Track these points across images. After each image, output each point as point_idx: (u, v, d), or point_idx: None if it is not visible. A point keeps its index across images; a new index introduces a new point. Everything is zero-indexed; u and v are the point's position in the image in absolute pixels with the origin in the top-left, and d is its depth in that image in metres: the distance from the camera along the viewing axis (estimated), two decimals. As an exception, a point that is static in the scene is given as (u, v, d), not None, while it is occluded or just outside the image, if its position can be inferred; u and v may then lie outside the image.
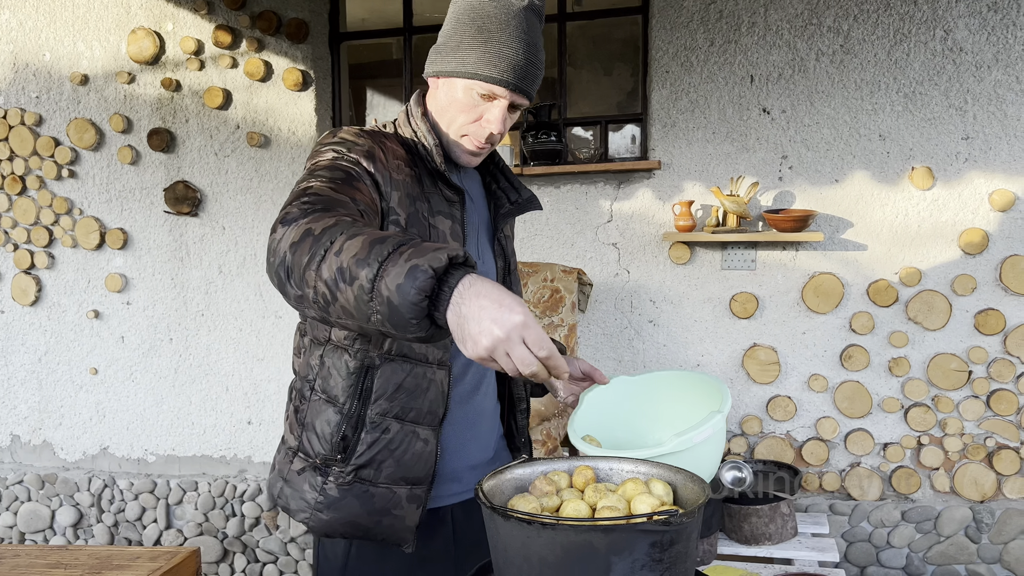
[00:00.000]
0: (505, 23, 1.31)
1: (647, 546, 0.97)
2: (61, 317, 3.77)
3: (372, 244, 0.98)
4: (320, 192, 1.17)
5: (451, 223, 1.38)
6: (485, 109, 1.35)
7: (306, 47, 3.44)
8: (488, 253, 1.48)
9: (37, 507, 3.81)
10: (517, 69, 1.32)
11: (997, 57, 2.94)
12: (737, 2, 3.11)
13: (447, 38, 1.36)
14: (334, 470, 1.35)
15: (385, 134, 1.39)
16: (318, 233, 1.04)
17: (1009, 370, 3.03)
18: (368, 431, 1.34)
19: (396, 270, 0.94)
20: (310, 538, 3.59)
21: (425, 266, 0.93)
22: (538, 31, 1.36)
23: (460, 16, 1.35)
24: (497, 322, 0.93)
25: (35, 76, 3.67)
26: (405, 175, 1.34)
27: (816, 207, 3.12)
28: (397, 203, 1.31)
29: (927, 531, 3.12)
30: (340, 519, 1.36)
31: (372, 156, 1.30)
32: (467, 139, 1.38)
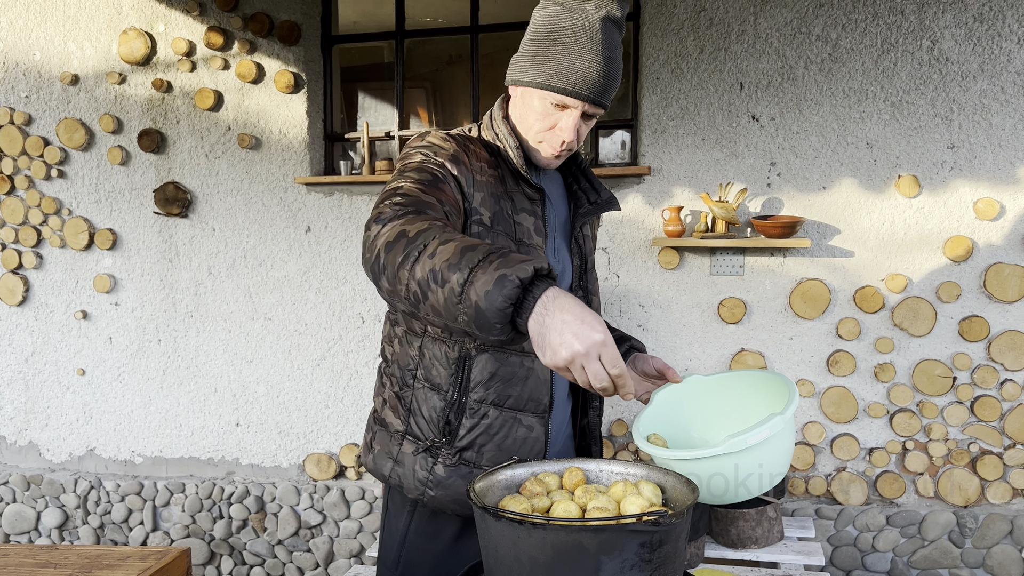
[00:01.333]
0: (580, 35, 1.36)
1: (636, 546, 0.98)
2: (48, 317, 3.75)
3: (464, 251, 1.07)
4: (410, 193, 1.26)
5: (534, 219, 1.45)
6: (559, 118, 1.41)
7: (298, 49, 3.44)
8: (565, 251, 1.53)
9: (22, 508, 3.78)
10: (589, 81, 1.36)
11: (983, 67, 2.98)
12: (727, 10, 3.14)
13: (525, 48, 1.42)
14: (442, 452, 1.45)
15: (470, 138, 1.47)
16: (412, 235, 1.13)
17: (993, 376, 3.07)
18: (468, 416, 1.43)
19: (485, 277, 1.03)
20: (297, 540, 3.59)
21: (513, 276, 1.02)
22: (615, 41, 1.39)
23: (538, 27, 1.40)
24: (579, 336, 1.01)
25: (25, 75, 3.66)
26: (488, 176, 1.42)
27: (804, 214, 3.14)
28: (480, 203, 1.39)
29: (911, 535, 3.15)
30: (449, 496, 1.45)
31: (456, 159, 1.38)
32: (543, 145, 1.45)
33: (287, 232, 3.53)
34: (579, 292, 1.53)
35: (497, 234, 1.40)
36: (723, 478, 1.25)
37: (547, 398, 1.46)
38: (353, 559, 3.56)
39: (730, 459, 1.23)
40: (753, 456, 1.23)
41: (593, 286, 1.58)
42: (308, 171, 3.48)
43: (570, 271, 1.53)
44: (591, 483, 1.24)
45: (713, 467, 1.24)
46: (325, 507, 3.56)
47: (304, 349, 3.57)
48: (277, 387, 3.61)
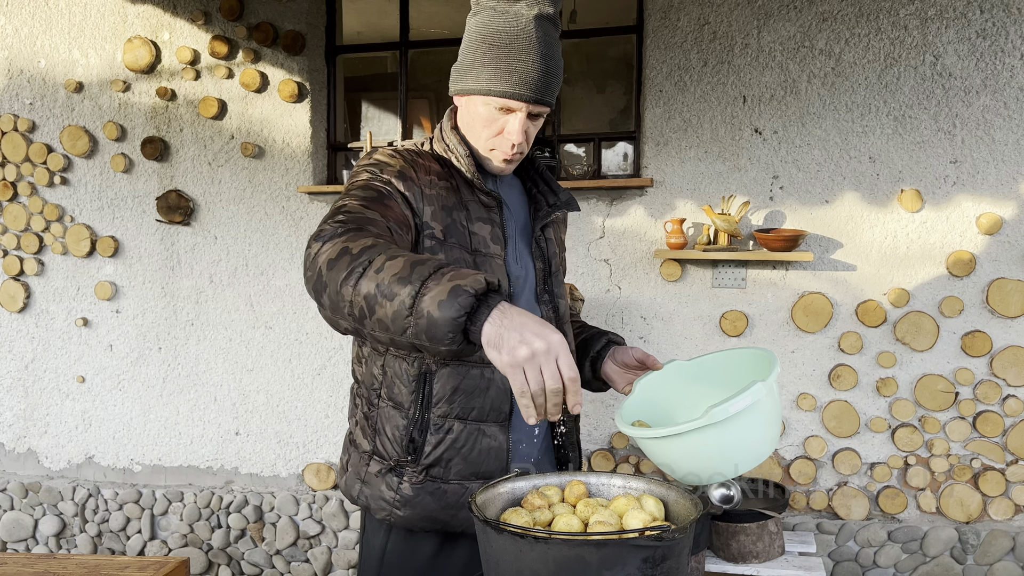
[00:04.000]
0: (515, 36, 1.35)
1: (639, 561, 0.97)
2: (49, 324, 3.75)
3: (414, 265, 1.09)
4: (352, 210, 1.27)
5: (491, 228, 1.45)
6: (505, 122, 1.40)
7: (302, 59, 3.45)
8: (527, 256, 1.51)
9: (20, 516, 3.77)
10: (530, 81, 1.35)
11: (985, 83, 2.99)
12: (730, 23, 3.15)
13: (463, 56, 1.42)
14: (407, 471, 1.44)
15: (419, 152, 1.47)
16: (356, 252, 1.13)
17: (995, 392, 3.06)
18: (433, 433, 1.43)
19: (438, 289, 1.05)
20: (295, 551, 3.57)
21: (467, 287, 1.04)
22: (552, 37, 1.38)
23: (473, 33, 1.40)
24: (539, 335, 1.03)
25: (29, 82, 3.67)
26: (440, 189, 1.42)
27: (806, 227, 3.14)
28: (431, 217, 1.38)
29: (913, 551, 3.14)
30: (418, 515, 1.45)
31: (403, 175, 1.38)
32: (495, 152, 1.44)
33: (289, 241, 3.53)
34: (544, 296, 1.51)
35: (451, 247, 1.40)
36: (708, 454, 1.19)
37: (507, 406, 1.46)
38: (351, 570, 3.54)
39: (714, 432, 1.16)
40: (738, 427, 1.17)
41: (559, 290, 1.55)
42: (311, 180, 3.49)
43: (532, 275, 1.51)
44: (593, 497, 1.24)
45: (697, 442, 1.18)
46: (324, 517, 3.54)
47: (304, 358, 3.56)
48: (277, 396, 3.60)
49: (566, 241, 1.71)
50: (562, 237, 1.64)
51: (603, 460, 3.34)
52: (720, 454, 1.19)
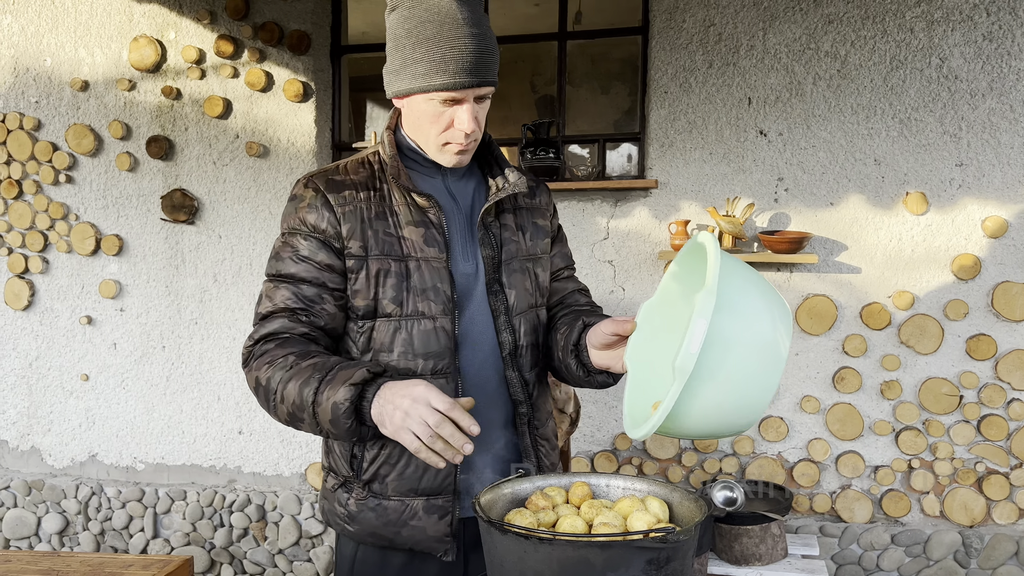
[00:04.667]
0: (439, 23, 1.30)
1: (643, 563, 0.97)
2: (54, 322, 3.75)
3: (301, 388, 1.26)
4: (263, 309, 1.39)
5: (424, 230, 1.40)
6: (452, 114, 1.35)
7: (307, 59, 3.46)
8: (474, 247, 1.44)
9: (23, 513, 3.77)
10: (467, 65, 1.30)
11: (991, 85, 2.98)
12: (736, 25, 3.15)
13: (391, 57, 1.36)
14: (354, 487, 1.44)
15: (338, 167, 1.45)
16: (264, 383, 1.32)
17: (1000, 396, 3.05)
18: (369, 448, 1.42)
19: (323, 409, 1.24)
20: (298, 550, 3.57)
21: (341, 401, 1.21)
22: (477, 13, 1.33)
23: (395, 31, 1.35)
24: (404, 395, 1.17)
25: (35, 81, 3.68)
26: (359, 201, 1.40)
27: (811, 229, 3.14)
28: (348, 235, 1.38)
29: (916, 555, 3.13)
30: (364, 531, 1.44)
31: (313, 206, 1.39)
32: (449, 146, 1.39)
33: (293, 240, 3.52)
34: (495, 286, 1.44)
35: (375, 259, 1.37)
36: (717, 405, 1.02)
37: None
38: (354, 570, 3.53)
39: (699, 384, 1.00)
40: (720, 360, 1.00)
41: (512, 278, 1.45)
42: (315, 180, 3.48)
43: (480, 266, 1.44)
44: (597, 498, 1.23)
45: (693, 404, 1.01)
46: (326, 517, 3.54)
47: (308, 358, 3.56)
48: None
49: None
50: (539, 223, 1.55)
51: (606, 461, 3.34)
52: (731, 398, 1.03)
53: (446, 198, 1.46)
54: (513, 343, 1.45)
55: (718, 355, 1.01)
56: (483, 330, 1.44)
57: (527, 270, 1.49)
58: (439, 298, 1.39)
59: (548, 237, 1.57)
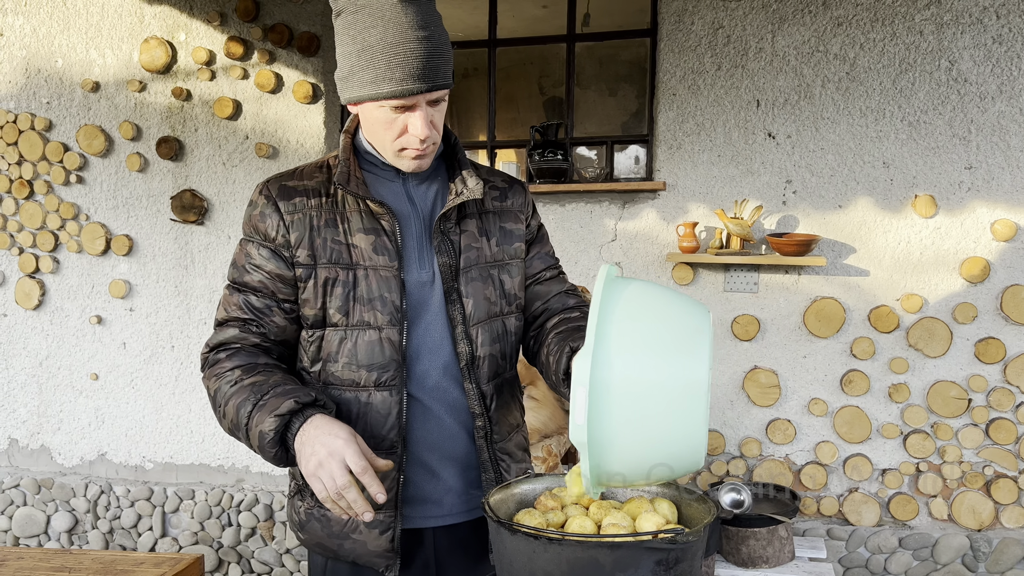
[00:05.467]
0: (384, 27, 1.24)
1: (652, 564, 0.97)
2: (64, 322, 3.77)
3: (238, 408, 1.28)
4: (219, 317, 1.40)
5: (375, 237, 1.35)
6: (405, 120, 1.30)
7: (317, 60, 3.47)
8: (430, 254, 1.39)
9: (33, 512, 3.79)
10: (415, 71, 1.24)
11: (1001, 88, 2.97)
12: (745, 28, 3.15)
13: (340, 63, 1.32)
14: (305, 494, 1.44)
15: (294, 172, 1.42)
16: (212, 394, 1.35)
17: (1008, 399, 3.04)
18: None
19: (254, 433, 1.26)
20: (304, 550, 3.58)
21: (267, 431, 1.23)
22: (426, 13, 1.27)
23: (341, 37, 1.30)
24: (324, 444, 1.17)
25: (47, 82, 3.70)
26: (310, 208, 1.36)
27: (819, 232, 3.14)
28: (295, 243, 1.36)
29: (924, 558, 3.12)
30: (311, 540, 1.44)
31: (264, 215, 1.37)
32: (406, 151, 1.34)
33: (302, 241, 3.54)
34: (452, 295, 1.38)
35: (323, 266, 1.34)
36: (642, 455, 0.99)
37: (393, 433, 1.36)
38: (361, 570, 3.54)
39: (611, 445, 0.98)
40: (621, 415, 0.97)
41: (469, 287, 1.39)
42: (324, 181, 3.50)
43: (437, 274, 1.39)
44: (606, 498, 1.24)
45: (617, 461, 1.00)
46: (334, 517, 3.55)
47: (316, 358, 3.57)
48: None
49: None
50: (509, 227, 1.47)
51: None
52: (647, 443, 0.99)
53: (404, 204, 1.40)
54: (470, 354, 1.39)
55: (617, 410, 0.97)
56: (441, 340, 1.39)
57: (489, 277, 1.43)
58: (386, 308, 1.34)
59: (521, 241, 1.49)
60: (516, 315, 1.48)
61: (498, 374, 1.44)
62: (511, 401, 1.49)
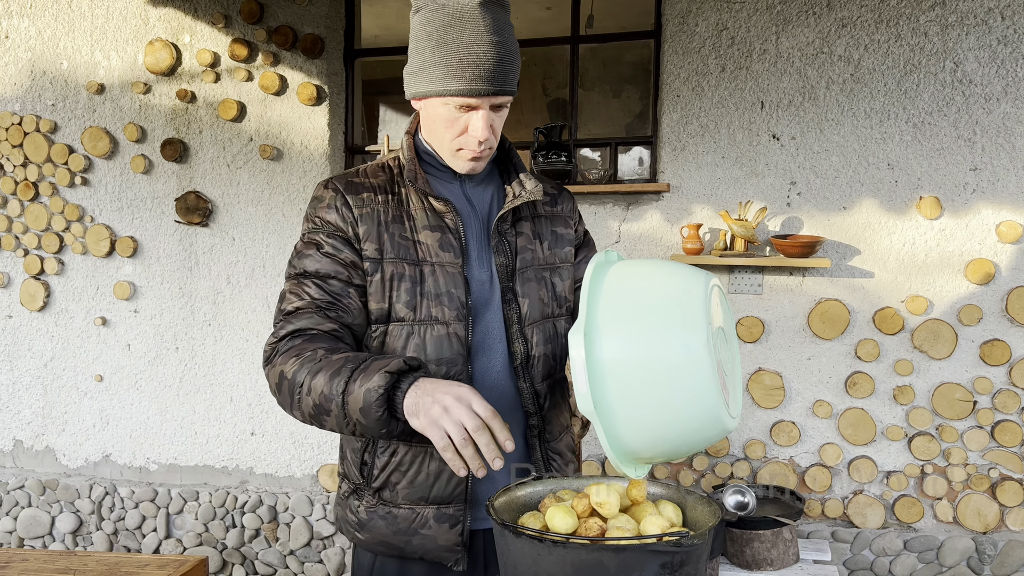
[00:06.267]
0: (461, 28, 1.28)
1: (657, 566, 0.97)
2: (68, 323, 3.78)
3: (330, 378, 1.22)
4: (286, 307, 1.37)
5: (440, 234, 1.39)
6: (467, 120, 1.34)
7: (321, 62, 3.48)
8: (488, 254, 1.44)
9: (37, 513, 3.80)
10: (485, 73, 1.28)
11: (1006, 90, 2.97)
12: (749, 29, 3.15)
13: (411, 57, 1.35)
14: (364, 494, 1.43)
15: (358, 171, 1.45)
16: (290, 376, 1.28)
17: (1014, 401, 3.03)
18: (380, 455, 1.40)
19: (354, 397, 1.19)
20: (309, 551, 3.58)
21: (374, 388, 1.16)
22: (501, 21, 1.31)
23: (417, 33, 1.33)
24: (448, 392, 1.13)
25: (52, 84, 3.71)
26: (377, 204, 1.40)
27: (824, 233, 3.13)
28: (365, 237, 1.37)
29: (929, 561, 3.11)
30: (374, 539, 1.43)
31: (332, 206, 1.39)
32: (462, 152, 1.38)
33: (306, 243, 3.54)
34: (508, 295, 1.42)
35: (390, 261, 1.37)
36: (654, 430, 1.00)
37: None
38: (364, 571, 3.54)
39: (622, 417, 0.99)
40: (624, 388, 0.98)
41: (525, 288, 1.44)
42: (328, 183, 3.50)
43: (494, 273, 1.43)
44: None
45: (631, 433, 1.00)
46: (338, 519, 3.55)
47: (320, 360, 3.57)
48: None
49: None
50: (559, 232, 1.53)
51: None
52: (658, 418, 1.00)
53: (463, 204, 1.44)
54: (525, 353, 1.43)
55: (619, 383, 0.98)
56: (498, 339, 1.42)
57: (543, 279, 1.47)
58: (453, 303, 1.37)
59: (571, 245, 1.55)
60: (566, 317, 1.53)
61: (551, 374, 1.48)
62: (562, 402, 1.53)
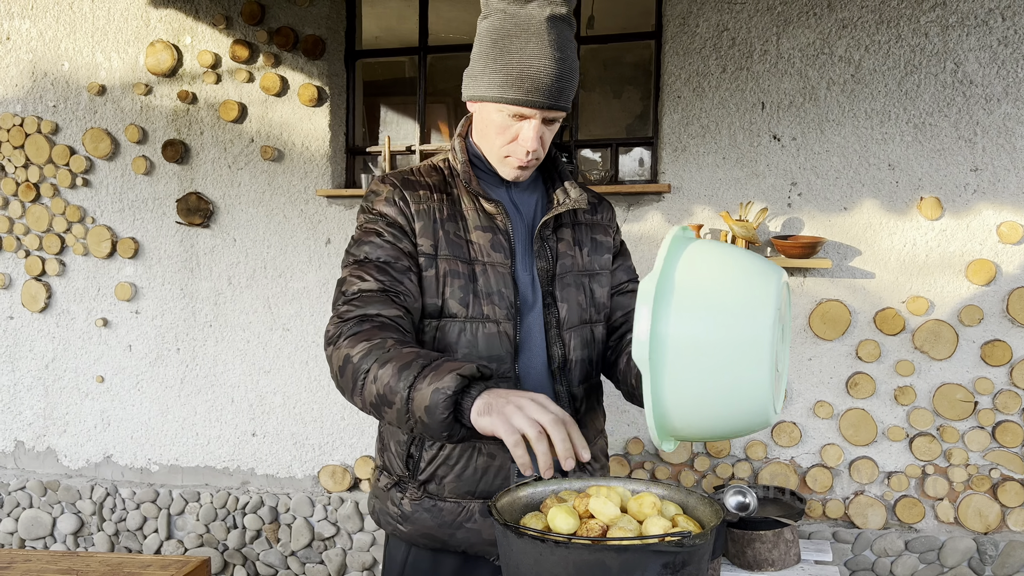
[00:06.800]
0: (526, 40, 1.31)
1: (659, 567, 0.97)
2: (70, 324, 3.79)
3: (400, 371, 1.19)
4: (349, 291, 1.36)
5: (492, 236, 1.43)
6: (519, 128, 1.37)
7: (322, 63, 3.48)
8: (531, 258, 1.47)
9: (38, 514, 3.80)
10: (542, 86, 1.31)
11: (1007, 90, 2.97)
12: (749, 30, 3.15)
13: (474, 61, 1.38)
14: (408, 486, 1.44)
15: (413, 169, 1.48)
16: (356, 360, 1.25)
17: (1015, 402, 3.03)
18: (427, 448, 1.42)
19: (421, 393, 1.15)
20: (310, 552, 3.58)
21: (444, 388, 1.13)
22: (566, 38, 1.34)
23: (482, 37, 1.36)
24: (523, 395, 1.11)
25: (53, 85, 3.72)
26: (433, 202, 1.42)
27: (824, 234, 3.13)
28: (420, 233, 1.39)
29: (930, 561, 3.11)
30: (417, 532, 1.45)
31: (390, 200, 1.41)
32: (509, 159, 1.42)
33: (307, 244, 3.55)
34: (548, 299, 1.46)
35: (444, 259, 1.39)
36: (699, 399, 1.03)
37: None
38: (366, 572, 3.55)
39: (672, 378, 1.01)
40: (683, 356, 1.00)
41: (564, 292, 1.47)
42: (329, 184, 3.51)
43: (535, 277, 1.47)
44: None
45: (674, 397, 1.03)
46: (339, 519, 3.55)
47: (321, 360, 3.58)
48: (294, 398, 3.62)
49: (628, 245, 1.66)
50: (599, 239, 1.57)
51: (618, 466, 3.34)
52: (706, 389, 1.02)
53: (511, 207, 1.49)
54: (563, 357, 1.46)
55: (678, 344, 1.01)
56: (537, 341, 1.46)
57: (582, 285, 1.51)
58: (503, 303, 1.41)
59: (609, 253, 1.59)
60: (603, 324, 1.57)
61: (588, 378, 1.51)
62: (597, 407, 1.57)
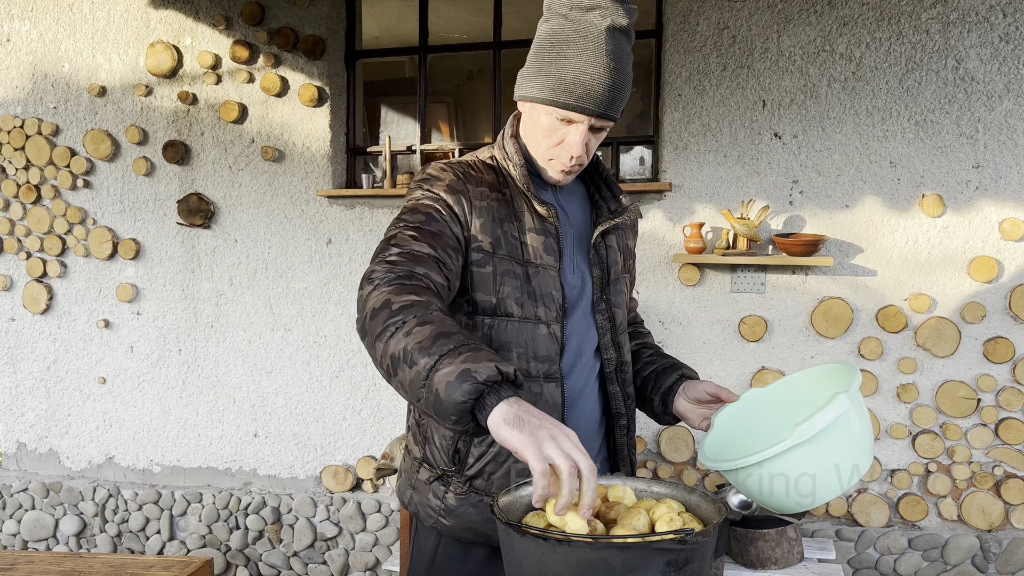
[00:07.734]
0: (584, 46, 1.31)
1: (662, 564, 0.97)
2: (71, 326, 3.79)
3: (437, 336, 1.10)
4: (402, 245, 1.29)
5: (544, 239, 1.43)
6: (566, 133, 1.37)
7: (322, 64, 3.48)
8: (584, 264, 1.48)
9: (41, 515, 3.80)
10: (594, 94, 1.32)
11: (1008, 87, 2.96)
12: (750, 28, 3.14)
13: (530, 62, 1.39)
14: (453, 480, 1.44)
15: (471, 164, 1.46)
16: (395, 308, 1.16)
17: (1018, 399, 3.02)
18: (476, 444, 1.42)
19: (450, 368, 1.06)
20: (313, 552, 3.58)
21: (476, 372, 1.05)
22: (623, 50, 1.35)
23: (542, 40, 1.37)
24: (555, 424, 1.04)
25: (53, 87, 3.72)
26: (490, 200, 1.41)
27: (826, 232, 3.13)
28: (479, 229, 1.38)
29: (934, 559, 3.11)
30: (461, 525, 1.44)
31: (453, 188, 1.39)
32: (553, 163, 1.42)
33: (308, 244, 3.55)
34: (601, 305, 1.49)
35: (500, 258, 1.39)
36: (807, 476, 1.16)
37: (557, 418, 1.41)
38: (368, 572, 3.55)
39: (803, 452, 1.13)
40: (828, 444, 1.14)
41: (616, 299, 1.52)
42: (330, 184, 3.51)
43: (589, 284, 1.49)
44: (615, 500, 1.23)
45: (786, 466, 1.15)
46: (341, 519, 3.55)
47: (323, 361, 3.58)
48: (295, 398, 3.62)
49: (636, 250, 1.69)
50: (629, 244, 1.60)
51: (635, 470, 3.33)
52: (816, 473, 1.16)
53: (559, 209, 1.49)
54: (619, 360, 1.50)
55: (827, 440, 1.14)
56: (581, 342, 1.47)
57: (624, 290, 1.55)
58: (553, 304, 1.42)
59: (632, 257, 1.62)
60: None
61: (634, 377, 1.58)
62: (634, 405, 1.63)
